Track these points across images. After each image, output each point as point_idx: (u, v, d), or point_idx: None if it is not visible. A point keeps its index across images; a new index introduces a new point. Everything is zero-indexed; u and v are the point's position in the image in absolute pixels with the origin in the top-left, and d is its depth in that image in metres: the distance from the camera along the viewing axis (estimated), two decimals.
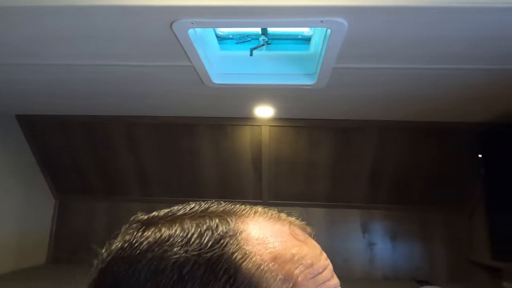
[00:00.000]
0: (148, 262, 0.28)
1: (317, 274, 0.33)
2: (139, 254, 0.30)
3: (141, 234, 0.32)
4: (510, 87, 1.23)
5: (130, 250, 0.30)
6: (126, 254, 0.30)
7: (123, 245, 0.31)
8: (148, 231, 0.32)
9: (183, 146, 1.93)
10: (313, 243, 0.38)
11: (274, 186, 2.03)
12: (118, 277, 0.29)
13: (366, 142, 1.81)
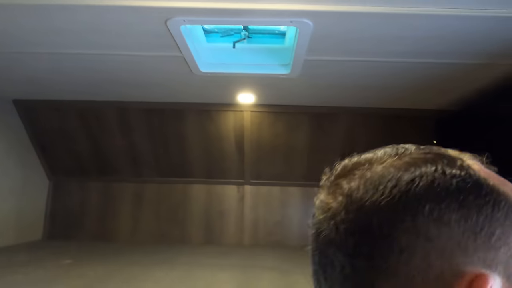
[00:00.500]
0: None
1: None
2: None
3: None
4: (458, 78, 1.45)
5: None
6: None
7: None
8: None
9: (172, 130, 2.09)
10: None
11: (256, 167, 2.22)
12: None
13: (338, 126, 2.01)
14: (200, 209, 2.30)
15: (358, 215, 0.24)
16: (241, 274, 1.32)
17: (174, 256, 1.72)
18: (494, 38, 1.12)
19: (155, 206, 2.31)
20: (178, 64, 1.36)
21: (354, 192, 0.25)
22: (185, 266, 1.46)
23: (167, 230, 2.27)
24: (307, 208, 2.28)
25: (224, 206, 2.29)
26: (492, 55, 1.23)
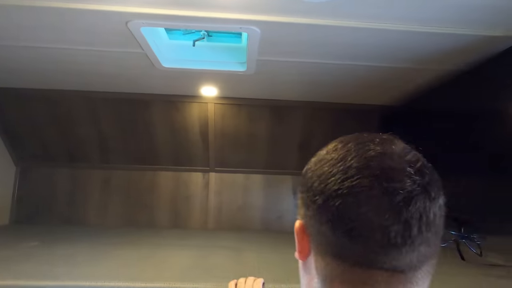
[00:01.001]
0: None
1: None
2: None
3: None
4: (395, 79, 1.64)
5: None
6: None
7: None
8: None
9: (139, 119, 2.18)
10: None
11: (220, 155, 2.36)
12: None
13: (295, 119, 2.18)
14: (167, 194, 2.42)
15: None
16: (198, 251, 1.47)
17: (140, 238, 1.84)
18: (420, 48, 1.30)
19: (124, 192, 2.40)
20: (141, 59, 1.46)
21: None
22: (149, 246, 1.59)
23: (135, 214, 2.38)
24: (268, 194, 2.45)
25: (190, 192, 2.42)
26: (420, 62, 1.42)
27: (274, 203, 2.44)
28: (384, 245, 0.37)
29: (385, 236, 0.37)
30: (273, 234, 2.27)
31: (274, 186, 2.46)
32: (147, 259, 1.29)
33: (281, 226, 2.42)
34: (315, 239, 0.42)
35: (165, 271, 1.13)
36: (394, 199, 0.37)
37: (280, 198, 2.45)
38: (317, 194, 0.40)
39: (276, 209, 2.43)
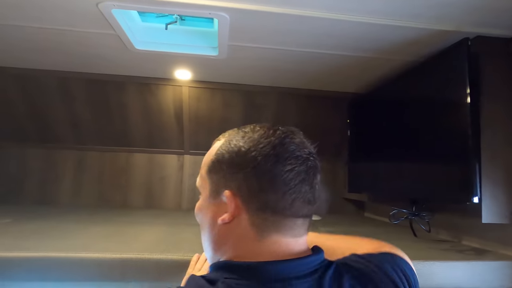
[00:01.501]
0: None
1: None
2: None
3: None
4: (361, 67, 1.73)
5: None
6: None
7: None
8: None
9: (113, 100, 2.19)
10: None
11: (194, 138, 2.41)
12: None
13: (268, 104, 2.25)
14: (141, 176, 2.46)
15: None
16: (169, 228, 1.54)
17: (113, 216, 1.89)
18: (380, 39, 1.38)
19: (98, 172, 2.43)
20: (113, 41, 1.48)
21: None
22: (121, 223, 1.64)
23: (109, 195, 2.42)
24: None
25: (165, 173, 2.47)
26: (382, 52, 1.51)
27: None
28: (305, 202, 0.59)
29: (306, 196, 0.59)
30: None
31: None
32: (118, 234, 1.35)
33: None
34: (253, 200, 0.56)
35: (135, 244, 1.19)
36: (309, 172, 0.61)
37: None
38: (251, 161, 0.58)
39: None
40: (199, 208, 0.68)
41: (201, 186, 0.67)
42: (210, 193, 0.63)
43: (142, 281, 1.05)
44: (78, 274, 1.02)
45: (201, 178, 0.67)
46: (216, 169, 0.63)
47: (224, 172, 0.61)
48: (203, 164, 0.67)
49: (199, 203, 0.68)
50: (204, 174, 0.65)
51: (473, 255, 1.26)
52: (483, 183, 1.20)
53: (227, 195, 0.58)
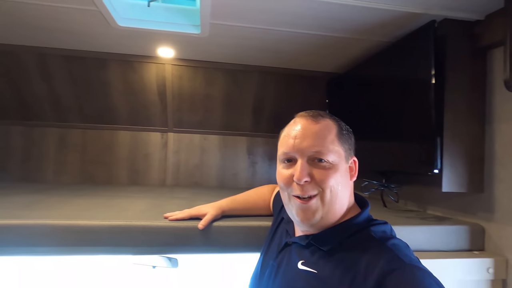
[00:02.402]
0: None
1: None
2: None
3: None
4: (337, 47, 1.80)
5: None
6: None
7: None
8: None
9: (95, 77, 2.20)
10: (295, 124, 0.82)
11: (178, 116, 2.45)
12: None
13: (249, 82, 2.30)
14: (125, 153, 2.49)
15: None
16: (154, 200, 1.60)
17: (97, 191, 1.94)
18: (354, 20, 1.45)
19: (81, 150, 2.45)
20: (95, 17, 1.49)
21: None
22: (107, 197, 1.70)
23: (93, 172, 2.45)
24: (224, 154, 2.60)
25: (149, 150, 2.52)
26: (356, 32, 1.58)
27: (229, 162, 2.61)
28: None
29: None
30: (228, 189, 2.45)
31: (230, 147, 2.61)
32: (104, 205, 1.41)
33: (236, 182, 2.61)
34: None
35: (121, 213, 1.26)
36: None
37: (236, 158, 2.62)
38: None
39: (231, 167, 2.60)
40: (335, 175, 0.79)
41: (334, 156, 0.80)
42: (344, 160, 0.81)
43: (130, 246, 1.13)
44: (67, 240, 1.08)
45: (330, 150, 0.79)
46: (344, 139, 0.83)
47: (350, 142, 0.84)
48: (325, 139, 0.79)
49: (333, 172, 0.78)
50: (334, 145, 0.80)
51: (434, 221, 1.39)
52: (444, 156, 1.31)
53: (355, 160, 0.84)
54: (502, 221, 1.26)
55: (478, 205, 1.37)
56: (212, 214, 1.15)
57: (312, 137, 0.77)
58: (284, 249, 0.87)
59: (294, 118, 0.85)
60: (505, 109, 1.28)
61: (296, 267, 0.77)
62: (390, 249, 0.67)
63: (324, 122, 0.80)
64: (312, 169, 0.77)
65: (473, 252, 1.29)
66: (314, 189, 0.76)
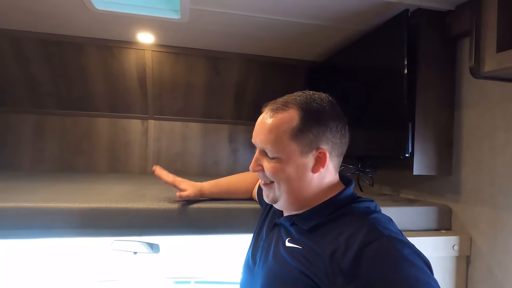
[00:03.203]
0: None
1: None
2: None
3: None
4: (316, 35, 1.83)
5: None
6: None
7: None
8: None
9: (73, 63, 2.15)
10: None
11: (158, 103, 2.44)
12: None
13: (231, 69, 2.31)
14: (105, 140, 2.47)
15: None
16: (134, 185, 1.61)
17: (77, 178, 1.92)
18: (331, 8, 1.48)
19: (59, 137, 2.41)
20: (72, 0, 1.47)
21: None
22: (87, 183, 1.69)
23: (71, 160, 2.42)
24: (205, 142, 2.62)
25: (129, 138, 2.50)
26: (333, 21, 1.61)
27: (211, 149, 2.62)
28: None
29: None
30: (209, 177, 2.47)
31: (211, 134, 2.62)
32: (84, 190, 1.41)
33: (217, 170, 2.63)
34: (332, 151, 0.82)
35: (102, 196, 1.27)
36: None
37: (217, 146, 2.64)
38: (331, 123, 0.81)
39: (213, 155, 2.62)
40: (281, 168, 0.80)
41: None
42: (300, 154, 0.80)
43: (111, 228, 1.14)
44: (46, 223, 1.08)
45: (279, 147, 0.79)
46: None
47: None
48: (275, 136, 0.79)
49: (281, 167, 0.79)
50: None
51: (405, 203, 1.46)
52: (415, 141, 1.38)
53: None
54: (467, 202, 1.34)
55: (446, 187, 1.45)
56: (190, 193, 1.18)
57: (263, 133, 0.80)
58: (273, 229, 0.90)
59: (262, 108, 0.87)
60: (472, 96, 1.35)
61: (284, 244, 0.80)
62: (371, 223, 0.69)
63: (282, 116, 0.79)
64: (264, 161, 0.81)
65: (440, 231, 1.37)
66: (266, 177, 0.82)
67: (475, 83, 1.33)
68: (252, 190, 1.27)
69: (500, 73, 0.99)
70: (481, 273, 1.25)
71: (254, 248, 0.95)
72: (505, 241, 1.17)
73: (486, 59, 1.01)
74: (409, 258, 0.60)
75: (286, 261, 0.75)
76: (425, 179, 1.56)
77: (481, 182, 1.29)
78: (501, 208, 1.20)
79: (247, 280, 0.92)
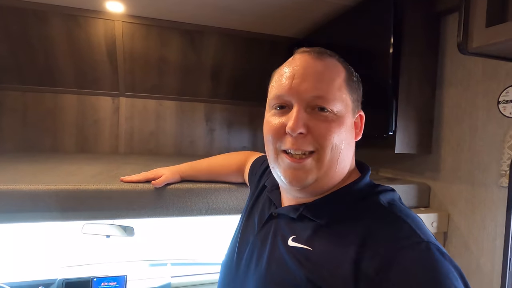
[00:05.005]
0: None
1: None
2: None
3: None
4: (297, 10, 1.75)
5: None
6: None
7: None
8: None
9: (34, 33, 1.97)
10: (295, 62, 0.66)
11: (130, 79, 2.30)
12: None
13: (207, 45, 2.20)
14: (72, 118, 2.31)
15: None
16: (106, 166, 1.51)
17: (42, 158, 1.79)
18: None
19: (20, 114, 2.23)
20: None
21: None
22: (53, 163, 1.57)
23: (36, 139, 2.25)
24: (181, 121, 2.52)
25: (98, 116, 2.35)
26: None
27: (187, 128, 2.53)
28: None
29: None
30: (185, 157, 2.39)
31: (187, 113, 2.52)
32: (50, 171, 1.30)
33: (193, 150, 2.55)
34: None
35: (71, 177, 1.17)
36: None
37: (193, 124, 2.55)
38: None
39: (189, 134, 2.53)
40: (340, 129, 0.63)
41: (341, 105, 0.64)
42: (351, 113, 0.66)
43: (82, 211, 1.06)
44: (11, 207, 0.99)
45: (337, 98, 0.63)
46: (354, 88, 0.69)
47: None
48: (332, 82, 0.64)
49: (338, 126, 0.62)
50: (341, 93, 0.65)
51: (385, 181, 1.47)
52: (398, 119, 1.36)
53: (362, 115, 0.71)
54: (446, 180, 1.35)
55: (425, 165, 1.46)
56: (168, 176, 1.10)
57: (315, 78, 0.61)
58: (269, 223, 0.72)
59: (294, 55, 0.70)
60: (455, 75, 1.34)
61: (285, 243, 0.63)
62: (404, 221, 0.55)
63: (331, 62, 0.65)
64: (311, 120, 0.61)
65: (420, 208, 1.38)
66: (310, 145, 0.61)
67: (458, 61, 1.32)
68: (242, 174, 1.13)
69: (488, 48, 0.97)
70: (458, 248, 1.28)
71: (241, 242, 0.76)
72: (482, 217, 1.20)
73: (474, 34, 0.98)
74: (450, 275, 0.47)
75: (287, 265, 0.60)
76: (404, 157, 1.57)
77: (460, 160, 1.30)
78: (478, 185, 1.22)
79: (228, 283, 0.74)
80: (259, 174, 0.93)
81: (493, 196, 1.16)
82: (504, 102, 1.13)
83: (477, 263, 1.20)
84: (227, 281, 0.75)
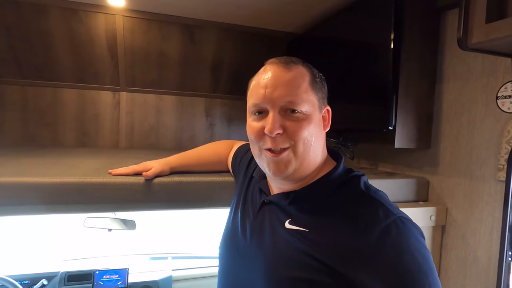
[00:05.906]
0: None
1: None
2: None
3: None
4: (297, 4, 1.76)
5: None
6: None
7: None
8: None
9: (33, 26, 1.96)
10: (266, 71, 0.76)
11: (131, 73, 2.30)
12: None
13: (207, 39, 2.20)
14: (72, 113, 2.32)
15: None
16: (107, 159, 1.52)
17: (43, 152, 1.80)
18: None
19: (20, 109, 2.23)
20: None
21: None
22: (56, 157, 1.58)
23: (36, 133, 2.26)
24: (181, 115, 2.52)
25: (99, 110, 2.36)
26: None
27: (187, 123, 2.53)
28: None
29: None
30: None
31: (187, 108, 2.53)
32: (54, 164, 1.31)
33: (194, 144, 2.54)
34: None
35: (74, 170, 1.18)
36: None
37: (193, 119, 2.55)
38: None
39: (189, 129, 2.54)
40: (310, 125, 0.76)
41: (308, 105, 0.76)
42: (318, 109, 0.78)
43: (85, 204, 1.07)
44: (15, 199, 1.00)
45: (304, 100, 0.75)
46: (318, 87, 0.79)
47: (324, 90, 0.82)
48: (298, 88, 0.74)
49: (307, 123, 0.75)
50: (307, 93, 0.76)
51: (384, 176, 1.48)
52: (398, 114, 1.38)
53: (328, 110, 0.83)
54: (444, 174, 1.37)
55: (424, 160, 1.47)
56: (158, 168, 1.12)
57: (284, 86, 0.72)
58: (262, 208, 0.83)
59: (264, 66, 0.79)
60: (454, 69, 1.35)
61: (283, 226, 0.74)
62: (379, 202, 0.69)
63: (297, 69, 0.75)
64: (285, 121, 0.73)
65: (418, 202, 1.40)
66: (285, 141, 0.73)
67: (457, 57, 1.33)
68: (227, 160, 1.21)
69: (488, 44, 0.98)
70: (455, 241, 1.30)
71: (242, 225, 0.86)
72: (479, 211, 1.22)
73: (474, 30, 0.99)
74: (418, 238, 0.65)
75: (289, 243, 0.70)
76: (402, 152, 1.59)
77: (459, 155, 1.32)
78: (476, 179, 1.24)
79: (234, 259, 0.84)
80: (245, 164, 1.03)
81: (491, 190, 1.18)
82: (503, 98, 1.15)
83: (474, 255, 1.22)
84: (232, 261, 0.85)
